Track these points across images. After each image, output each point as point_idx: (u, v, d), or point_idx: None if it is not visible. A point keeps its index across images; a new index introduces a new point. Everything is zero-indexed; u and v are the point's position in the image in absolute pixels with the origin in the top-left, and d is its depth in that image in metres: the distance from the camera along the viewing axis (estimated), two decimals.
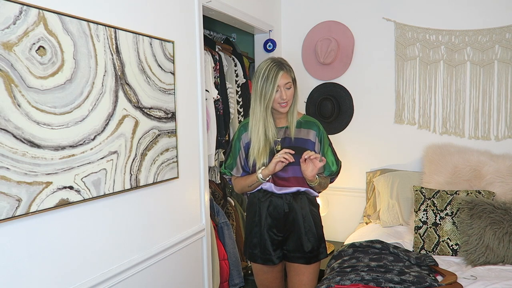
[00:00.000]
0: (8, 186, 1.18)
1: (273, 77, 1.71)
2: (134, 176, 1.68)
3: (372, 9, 2.91)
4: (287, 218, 1.82)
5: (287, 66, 1.78)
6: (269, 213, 1.81)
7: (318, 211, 1.91)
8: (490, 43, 2.60)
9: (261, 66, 1.76)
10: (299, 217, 1.81)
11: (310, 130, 1.85)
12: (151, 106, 1.77)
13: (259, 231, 1.83)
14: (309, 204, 1.85)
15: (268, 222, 1.82)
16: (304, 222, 1.82)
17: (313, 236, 1.82)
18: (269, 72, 1.72)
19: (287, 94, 1.75)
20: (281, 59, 1.82)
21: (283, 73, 1.73)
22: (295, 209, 1.81)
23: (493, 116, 2.64)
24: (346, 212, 3.13)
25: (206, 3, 2.16)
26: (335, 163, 1.89)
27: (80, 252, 1.45)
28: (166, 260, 1.91)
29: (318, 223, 1.88)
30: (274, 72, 1.72)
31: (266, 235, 1.82)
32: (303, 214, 1.82)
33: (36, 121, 1.26)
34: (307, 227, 1.82)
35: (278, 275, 1.94)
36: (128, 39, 1.62)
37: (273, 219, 1.82)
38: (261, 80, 1.74)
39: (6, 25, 1.17)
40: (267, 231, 1.82)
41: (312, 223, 1.84)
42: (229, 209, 2.74)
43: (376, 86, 2.96)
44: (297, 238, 1.81)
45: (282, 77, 1.73)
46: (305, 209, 1.83)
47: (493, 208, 2.11)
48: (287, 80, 1.75)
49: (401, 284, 1.70)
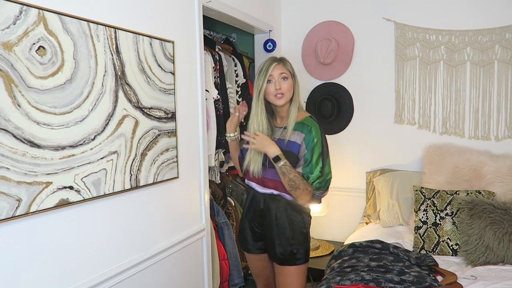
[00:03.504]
0: (8, 186, 1.18)
1: (266, 69, 1.75)
2: (134, 176, 1.68)
3: (372, 9, 2.91)
4: (264, 216, 1.83)
5: (284, 60, 1.80)
6: (251, 204, 1.88)
7: (300, 217, 1.80)
8: (490, 43, 2.60)
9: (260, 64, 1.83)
10: (273, 218, 1.80)
11: (301, 133, 1.74)
12: (151, 106, 1.77)
13: (243, 219, 1.94)
14: (286, 208, 1.78)
15: (250, 213, 1.89)
16: (277, 225, 1.79)
17: (286, 240, 1.77)
18: (263, 66, 1.77)
19: (281, 84, 1.74)
20: (281, 56, 1.84)
21: (276, 64, 1.75)
22: (270, 209, 1.80)
23: (493, 116, 2.64)
24: (346, 212, 3.13)
25: (206, 3, 2.16)
26: (317, 172, 1.70)
27: (80, 252, 1.45)
28: (166, 260, 1.91)
29: (296, 228, 1.79)
30: (267, 64, 1.76)
31: (246, 224, 1.91)
32: (277, 216, 1.79)
33: (36, 121, 1.26)
34: (280, 230, 1.78)
35: (267, 264, 1.95)
36: (128, 39, 1.62)
37: (253, 211, 1.88)
38: (257, 75, 1.80)
39: (6, 25, 1.17)
40: (249, 221, 1.90)
41: (287, 227, 1.78)
42: (229, 209, 2.74)
43: (376, 86, 2.96)
44: (270, 238, 1.82)
45: (276, 67, 1.75)
46: (280, 212, 1.78)
47: (493, 208, 2.11)
48: (281, 71, 1.75)
49: (401, 284, 1.70)
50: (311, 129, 1.73)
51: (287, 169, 1.67)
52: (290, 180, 1.67)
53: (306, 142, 1.71)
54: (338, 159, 3.13)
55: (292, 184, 1.68)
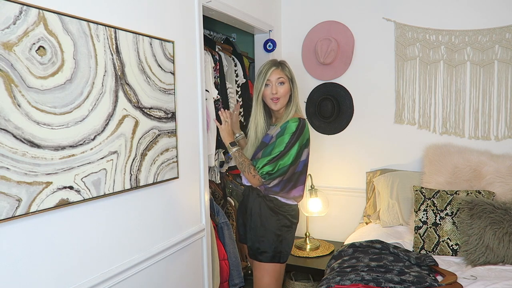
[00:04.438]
0: (8, 186, 1.18)
1: (264, 72, 1.85)
2: (134, 176, 1.68)
3: (372, 9, 2.91)
4: (246, 208, 2.00)
5: (283, 65, 1.89)
6: (242, 198, 2.08)
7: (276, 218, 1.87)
8: (490, 43, 2.60)
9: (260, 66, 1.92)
10: (249, 211, 1.95)
11: (279, 128, 1.85)
12: (151, 106, 1.77)
13: (237, 212, 2.13)
14: (261, 206, 1.90)
15: (241, 206, 2.07)
16: (251, 219, 1.93)
17: (254, 235, 1.91)
18: (262, 69, 1.87)
19: (278, 89, 1.83)
20: (282, 60, 1.93)
21: (275, 68, 1.85)
22: (248, 202, 1.97)
23: (493, 116, 2.64)
24: (346, 212, 3.13)
25: (206, 3, 2.16)
26: (263, 162, 1.80)
27: (80, 252, 1.45)
28: (166, 260, 1.91)
29: (267, 227, 1.87)
30: (266, 68, 1.86)
31: (239, 216, 2.09)
32: (252, 211, 1.93)
33: (36, 121, 1.26)
34: (252, 225, 1.93)
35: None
36: (128, 39, 1.62)
37: (240, 204, 2.08)
38: (256, 78, 1.91)
39: (6, 25, 1.17)
40: (240, 213, 2.08)
41: (258, 223, 1.89)
42: (229, 209, 2.74)
43: (376, 86, 2.96)
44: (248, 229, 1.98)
45: (274, 72, 1.85)
46: (255, 207, 1.92)
47: (493, 208, 2.11)
48: (278, 76, 1.85)
49: (401, 284, 1.70)
50: (286, 126, 1.82)
51: (239, 154, 1.90)
52: (239, 163, 1.90)
53: (276, 136, 1.84)
54: (338, 159, 3.13)
55: (241, 168, 1.90)
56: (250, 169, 1.85)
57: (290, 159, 1.80)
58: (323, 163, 3.17)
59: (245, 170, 1.86)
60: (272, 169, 1.80)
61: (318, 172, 3.17)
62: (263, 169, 1.80)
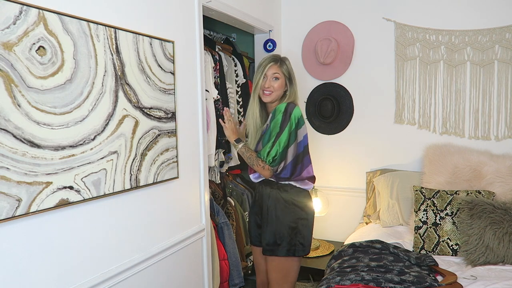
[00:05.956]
0: (8, 186, 1.18)
1: (263, 66, 1.92)
2: (134, 176, 1.68)
3: (372, 9, 2.91)
4: (261, 205, 1.98)
5: (282, 62, 1.94)
6: (254, 197, 2.06)
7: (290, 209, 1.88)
8: (490, 43, 2.60)
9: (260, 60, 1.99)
10: (265, 207, 1.93)
11: (272, 115, 1.89)
12: (151, 106, 1.77)
13: (249, 214, 2.12)
14: (276, 195, 1.90)
15: (254, 206, 2.05)
16: (268, 212, 1.91)
17: (270, 229, 1.90)
18: (262, 63, 1.94)
19: (271, 83, 1.90)
20: (283, 57, 1.98)
21: (273, 64, 1.92)
22: (263, 197, 1.95)
23: (493, 116, 2.64)
24: (346, 212, 3.13)
25: (206, 3, 2.16)
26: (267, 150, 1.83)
27: (80, 252, 1.45)
28: (166, 260, 1.91)
29: (282, 219, 1.87)
30: (266, 63, 1.92)
31: (252, 218, 2.07)
32: (269, 205, 1.92)
33: (36, 121, 1.26)
34: (270, 219, 1.91)
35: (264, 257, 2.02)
36: (128, 39, 1.62)
37: (254, 203, 2.06)
38: (256, 70, 1.98)
39: (6, 25, 1.17)
40: (254, 215, 2.05)
41: (274, 216, 1.89)
42: (229, 209, 2.74)
43: (376, 86, 2.96)
44: (263, 227, 1.95)
45: (271, 67, 1.91)
46: (272, 200, 1.91)
47: (493, 208, 2.11)
48: (274, 71, 1.91)
49: (401, 284, 1.70)
50: (275, 109, 1.88)
51: (245, 149, 1.93)
52: (247, 158, 1.92)
53: (270, 123, 1.88)
54: (338, 159, 3.13)
55: (250, 162, 1.92)
56: (258, 161, 1.87)
57: (284, 137, 1.83)
58: (323, 163, 3.17)
59: (254, 164, 1.89)
60: (275, 154, 1.84)
61: (318, 172, 3.15)
62: (269, 156, 1.84)
